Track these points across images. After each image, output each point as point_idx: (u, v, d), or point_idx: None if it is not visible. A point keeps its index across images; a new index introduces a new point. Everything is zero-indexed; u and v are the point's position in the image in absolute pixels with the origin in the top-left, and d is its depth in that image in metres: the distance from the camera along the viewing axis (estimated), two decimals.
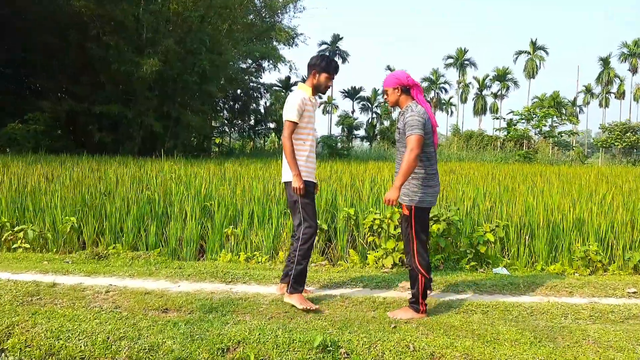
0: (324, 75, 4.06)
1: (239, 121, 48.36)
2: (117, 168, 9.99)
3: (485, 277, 5.16)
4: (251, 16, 27.82)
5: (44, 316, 3.63)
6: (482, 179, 10.69)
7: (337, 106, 71.38)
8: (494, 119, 39.85)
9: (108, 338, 3.32)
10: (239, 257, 5.94)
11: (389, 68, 69.12)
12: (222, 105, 42.17)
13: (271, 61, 32.52)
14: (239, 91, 34.44)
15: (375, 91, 67.31)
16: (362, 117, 71.16)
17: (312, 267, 5.59)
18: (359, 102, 66.59)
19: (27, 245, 6.11)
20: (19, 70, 23.71)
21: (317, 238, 6.12)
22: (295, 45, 36.52)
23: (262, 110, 51.73)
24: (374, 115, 65.55)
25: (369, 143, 57.52)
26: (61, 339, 3.31)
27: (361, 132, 60.04)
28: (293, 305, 3.96)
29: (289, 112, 3.94)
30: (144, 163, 12.18)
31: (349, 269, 5.51)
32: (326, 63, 4.06)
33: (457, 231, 5.71)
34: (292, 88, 59.96)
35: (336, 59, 58.22)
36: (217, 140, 48.68)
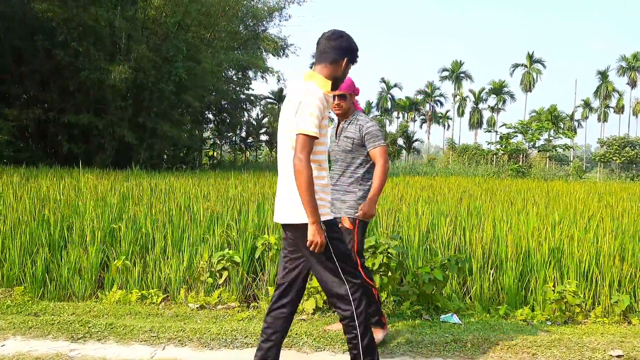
0: (350, 67, 2.84)
1: (230, 133, 47.39)
2: (39, 181, 8.84)
3: (429, 329, 4.00)
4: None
5: None
6: (456, 197, 9.55)
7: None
8: (485, 131, 38.81)
9: None
10: (131, 295, 4.79)
11: (383, 80, 68.30)
12: (211, 116, 41.28)
13: (258, 71, 31.57)
14: (222, 102, 33.35)
15: (369, 104, 66.38)
16: None
17: (216, 310, 4.44)
18: None
19: None
20: None
21: (236, 271, 4.99)
22: (286, 55, 35.64)
23: (254, 123, 50.81)
24: None
25: None
26: None
27: None
28: None
29: (307, 121, 2.53)
30: (83, 176, 11.02)
31: (260, 313, 4.35)
32: (357, 49, 2.85)
33: (399, 266, 4.55)
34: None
35: None
36: (210, 153, 47.70)
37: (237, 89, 35.78)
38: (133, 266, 5.13)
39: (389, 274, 4.46)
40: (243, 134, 49.48)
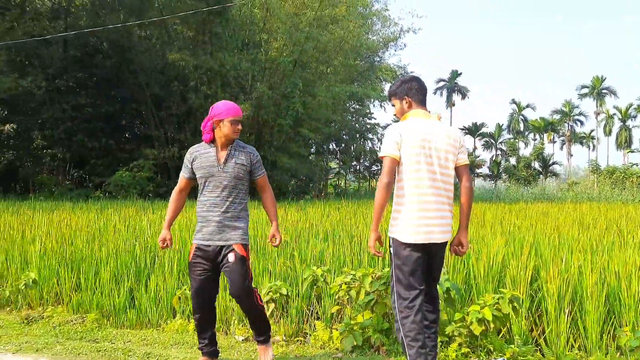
0: None
1: (354, 162, 48.19)
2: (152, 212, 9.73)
3: None
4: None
5: None
6: (567, 226, 8.60)
7: None
8: (628, 152, 34.57)
9: None
10: (190, 324, 5.02)
11: (514, 101, 64.71)
12: (334, 147, 42.31)
13: (375, 100, 31.93)
14: (342, 132, 34.11)
15: (499, 126, 63.10)
16: (485, 155, 66.34)
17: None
18: (481, 139, 62.75)
19: None
20: (131, 120, 25.79)
21: (285, 304, 5.00)
22: None
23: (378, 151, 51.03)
24: (498, 152, 61.23)
25: (493, 182, 53.64)
26: None
27: (484, 170, 56.18)
28: None
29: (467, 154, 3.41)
30: None
31: (299, 348, 4.28)
32: None
33: (448, 302, 4.21)
34: None
35: (454, 95, 56.28)
36: (335, 182, 48.84)
37: (360, 118, 36.43)
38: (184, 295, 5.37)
39: None
40: (367, 163, 49.85)
